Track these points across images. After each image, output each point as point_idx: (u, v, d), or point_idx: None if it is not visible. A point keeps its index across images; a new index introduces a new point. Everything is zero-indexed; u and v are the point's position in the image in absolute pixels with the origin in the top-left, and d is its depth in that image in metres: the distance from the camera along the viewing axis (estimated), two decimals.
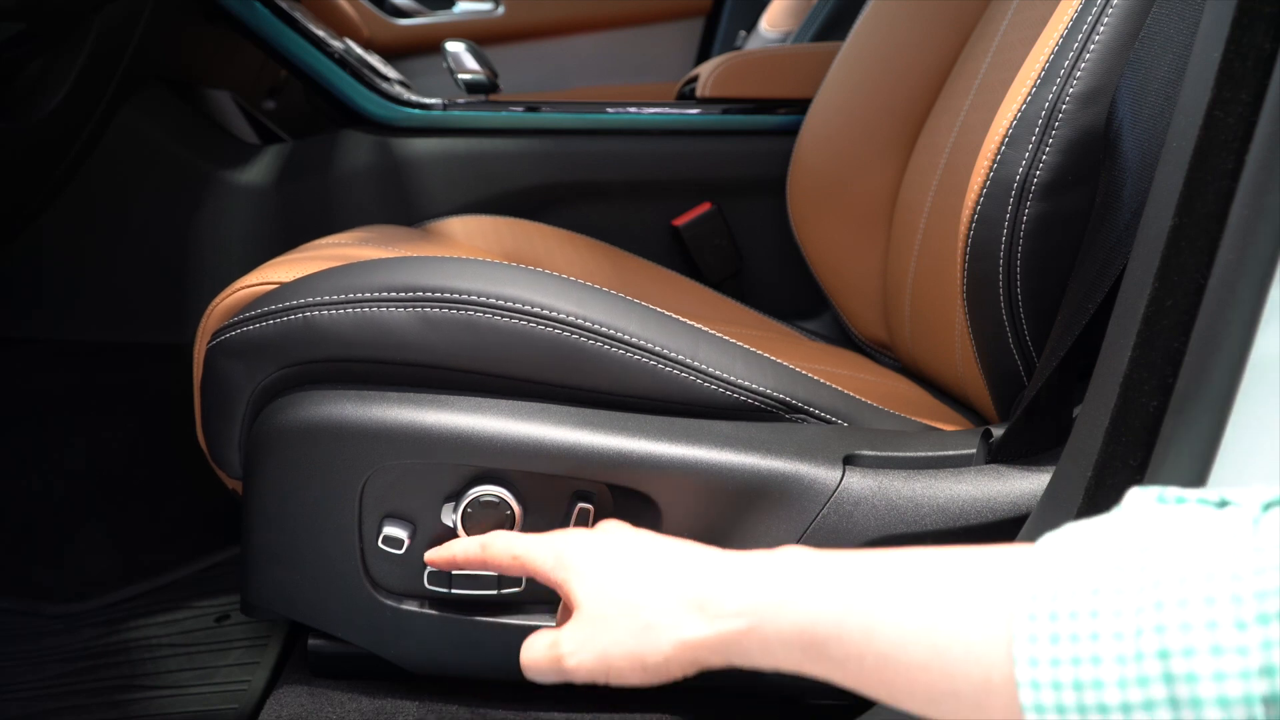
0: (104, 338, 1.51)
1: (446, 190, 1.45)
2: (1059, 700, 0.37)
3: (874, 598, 0.46)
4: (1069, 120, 0.80)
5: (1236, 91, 0.50)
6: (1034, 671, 0.38)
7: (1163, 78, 0.70)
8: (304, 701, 0.79)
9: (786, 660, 0.50)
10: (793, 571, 0.51)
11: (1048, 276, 0.82)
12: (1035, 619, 0.38)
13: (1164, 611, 0.35)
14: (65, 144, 1.36)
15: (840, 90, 1.26)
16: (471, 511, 0.74)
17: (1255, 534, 0.36)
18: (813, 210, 1.26)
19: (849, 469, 0.74)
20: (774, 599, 0.51)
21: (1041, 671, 0.37)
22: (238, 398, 0.79)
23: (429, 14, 2.77)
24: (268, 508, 0.78)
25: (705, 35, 2.79)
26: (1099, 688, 0.36)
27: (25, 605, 1.12)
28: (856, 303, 1.22)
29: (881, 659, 0.45)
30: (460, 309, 0.76)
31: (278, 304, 0.78)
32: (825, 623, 0.48)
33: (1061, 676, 0.37)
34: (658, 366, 0.77)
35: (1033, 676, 0.38)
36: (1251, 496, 0.38)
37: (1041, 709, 0.37)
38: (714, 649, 0.54)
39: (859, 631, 0.46)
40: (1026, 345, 0.85)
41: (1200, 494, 0.40)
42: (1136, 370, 0.55)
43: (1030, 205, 0.81)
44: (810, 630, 0.48)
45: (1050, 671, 0.37)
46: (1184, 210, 0.52)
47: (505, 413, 0.75)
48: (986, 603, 0.42)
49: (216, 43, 1.71)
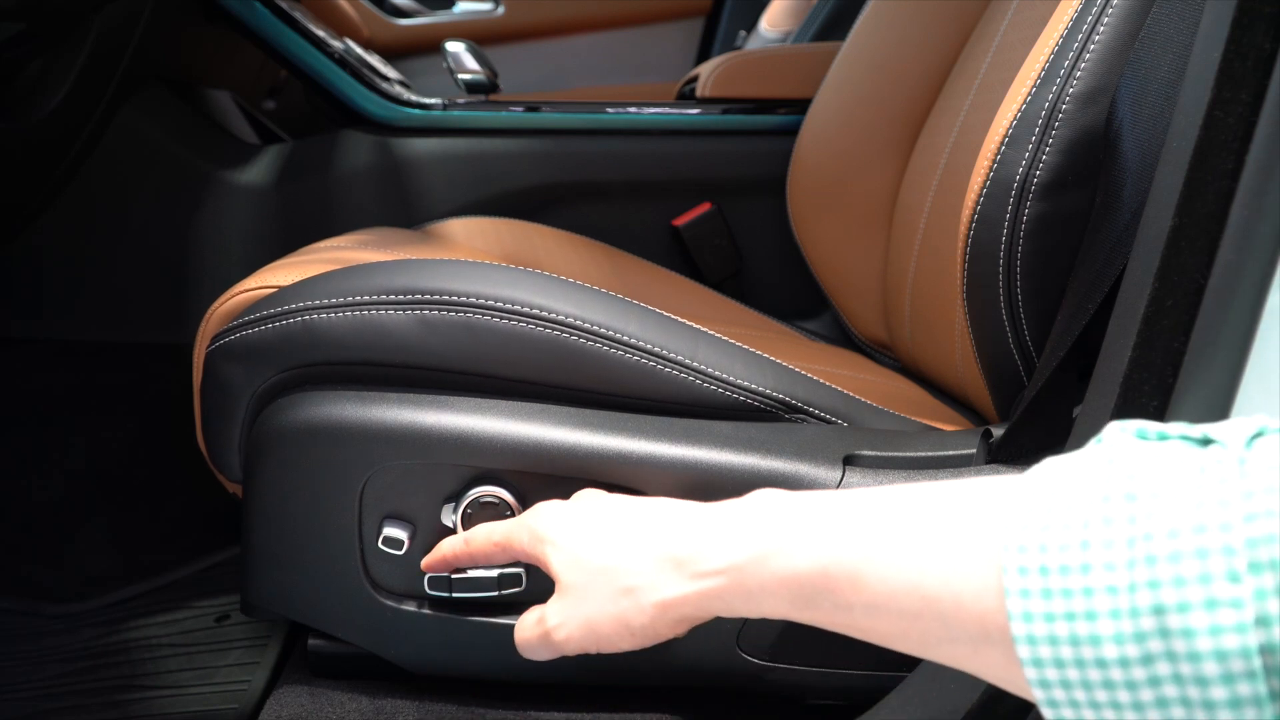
0: (104, 338, 1.51)
1: (446, 190, 1.45)
2: (1051, 632, 0.36)
3: (858, 545, 0.45)
4: (1069, 120, 0.80)
5: (1236, 91, 0.50)
6: (1026, 603, 0.37)
7: (1163, 78, 0.70)
8: (304, 701, 0.79)
9: (773, 609, 0.50)
10: (771, 520, 0.50)
11: (1048, 277, 0.82)
12: (1025, 550, 0.38)
13: (1156, 566, 0.35)
14: (65, 144, 1.36)
15: (840, 90, 1.26)
16: (471, 512, 0.74)
17: (1242, 476, 0.35)
18: (813, 210, 1.26)
19: (849, 469, 0.74)
20: (753, 552, 0.50)
21: (1034, 603, 0.37)
22: (237, 401, 0.79)
23: (429, 14, 2.77)
24: (268, 508, 0.78)
25: (705, 35, 2.79)
26: (1096, 643, 0.36)
27: (25, 605, 1.12)
28: (856, 303, 1.22)
29: (870, 609, 0.45)
30: (458, 311, 0.76)
31: (276, 307, 0.78)
32: (809, 573, 0.47)
33: (1058, 631, 0.36)
34: (657, 367, 0.77)
35: (1025, 608, 0.37)
36: (1234, 432, 0.37)
37: (1034, 640, 0.37)
38: (696, 605, 0.54)
39: (845, 581, 0.45)
40: (1026, 345, 0.85)
41: (1182, 429, 0.39)
42: (1136, 370, 0.55)
43: (1030, 205, 0.81)
44: (794, 580, 0.48)
45: (1045, 627, 0.37)
46: (1184, 210, 0.52)
47: (505, 413, 0.75)
48: (974, 543, 0.41)
49: (216, 43, 1.71)
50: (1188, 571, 0.34)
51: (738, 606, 0.52)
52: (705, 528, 0.54)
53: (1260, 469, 0.35)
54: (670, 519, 0.58)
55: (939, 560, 0.42)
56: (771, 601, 0.49)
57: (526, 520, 0.66)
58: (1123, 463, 0.38)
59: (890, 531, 0.45)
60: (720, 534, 0.53)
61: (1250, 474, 0.35)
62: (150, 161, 1.49)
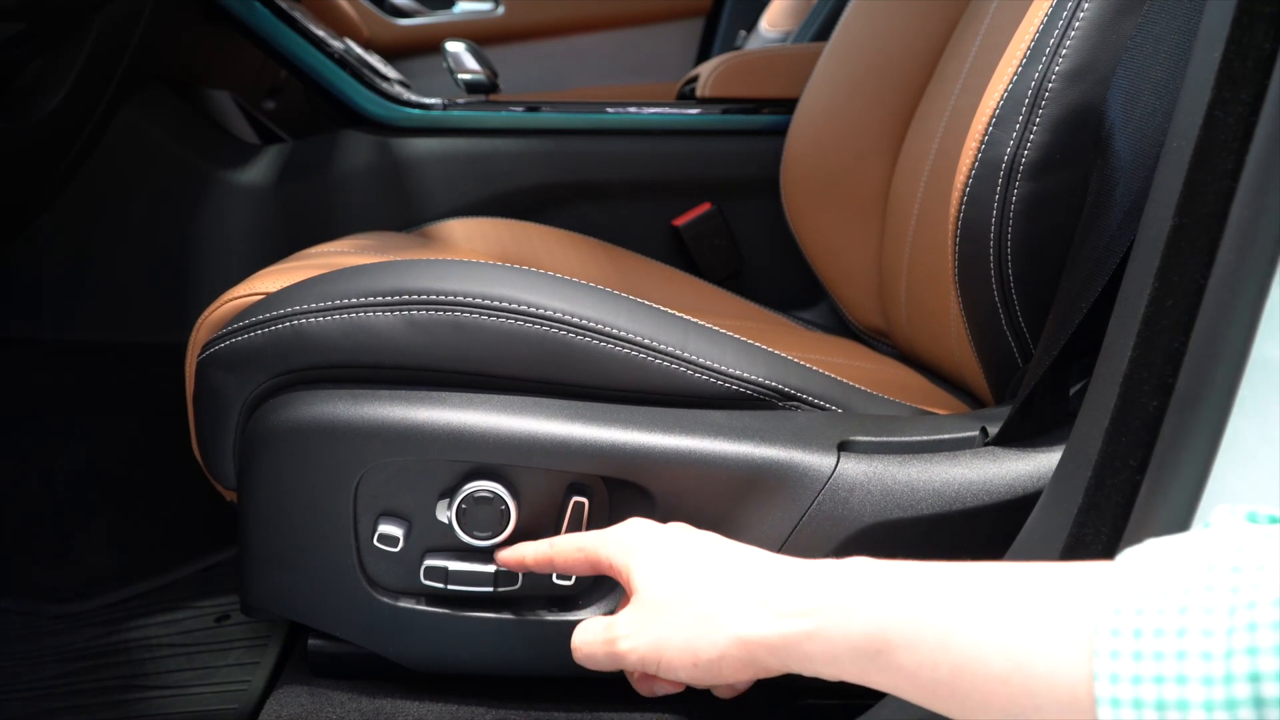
0: (104, 338, 1.51)
1: (446, 190, 1.45)
2: (1136, 695, 0.35)
3: (950, 606, 0.44)
4: (1056, 99, 0.80)
5: (1236, 91, 0.50)
6: (1114, 689, 0.36)
7: (1157, 76, 0.70)
8: (304, 701, 0.79)
9: (851, 667, 0.48)
10: (863, 576, 0.49)
11: (1039, 258, 0.83)
12: (1119, 635, 0.37)
13: (1258, 634, 0.34)
14: (65, 144, 1.36)
15: (830, 81, 1.26)
16: (466, 507, 0.74)
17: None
18: (807, 202, 1.26)
19: (844, 455, 0.74)
20: (843, 601, 0.49)
21: (1122, 689, 0.36)
22: (230, 409, 0.79)
23: (429, 14, 2.77)
24: (263, 509, 0.78)
25: (705, 35, 2.79)
26: (1183, 708, 0.34)
27: (25, 605, 1.12)
28: (853, 291, 1.22)
29: (957, 670, 0.43)
30: (446, 310, 0.76)
31: (265, 314, 0.78)
32: (898, 629, 0.46)
33: (1144, 695, 0.35)
34: (647, 359, 0.77)
35: (1113, 694, 0.36)
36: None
37: (1117, 703, 0.36)
38: (773, 649, 0.52)
39: (934, 640, 0.44)
40: (1020, 327, 0.85)
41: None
42: (1136, 370, 0.55)
43: (1019, 185, 0.82)
44: (881, 636, 0.46)
45: (1131, 689, 0.36)
46: (1184, 210, 0.52)
47: (498, 407, 0.75)
48: (1068, 618, 0.40)
49: (216, 43, 1.71)
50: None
51: (816, 661, 0.50)
52: (796, 573, 0.53)
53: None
54: (762, 561, 0.57)
55: (1032, 624, 0.41)
56: (850, 658, 0.48)
57: (619, 531, 0.66)
58: (1230, 538, 0.38)
59: (984, 595, 0.44)
60: (810, 580, 0.52)
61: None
62: (150, 161, 1.49)
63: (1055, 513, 0.61)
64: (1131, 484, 0.55)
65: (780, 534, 0.73)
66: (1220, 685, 0.34)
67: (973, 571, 0.46)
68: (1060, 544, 0.59)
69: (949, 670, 0.43)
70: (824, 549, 0.72)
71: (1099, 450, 0.57)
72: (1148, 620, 0.36)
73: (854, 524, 0.72)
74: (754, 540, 0.71)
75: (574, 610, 0.77)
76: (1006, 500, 0.72)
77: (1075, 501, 0.58)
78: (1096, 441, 0.57)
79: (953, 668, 0.43)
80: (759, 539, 0.73)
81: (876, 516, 0.72)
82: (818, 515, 0.72)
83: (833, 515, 0.72)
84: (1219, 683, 0.34)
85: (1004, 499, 0.72)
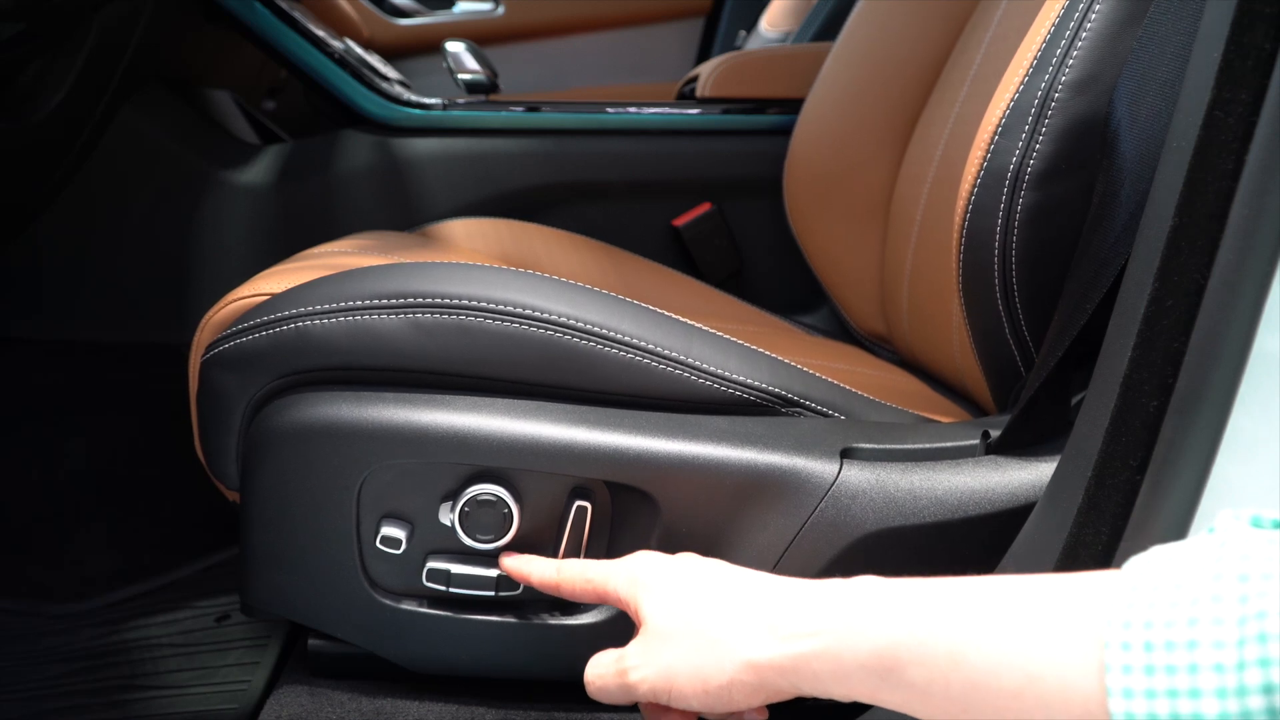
0: (104, 338, 1.51)
1: (446, 190, 1.45)
2: (1151, 709, 0.35)
3: (960, 622, 0.44)
4: (1062, 109, 0.80)
5: (1236, 91, 0.50)
6: (1128, 704, 0.36)
7: (1161, 77, 0.70)
8: (304, 701, 0.79)
9: (861, 686, 0.48)
10: (870, 594, 0.49)
11: (1043, 267, 0.82)
12: (1129, 649, 0.37)
13: (1269, 645, 0.34)
14: (65, 144, 1.36)
15: (835, 84, 1.26)
16: (469, 510, 0.74)
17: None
18: (810, 205, 1.26)
19: (846, 462, 0.74)
20: (852, 620, 0.48)
21: (1136, 704, 0.36)
22: (233, 410, 0.79)
23: (429, 14, 2.77)
24: (265, 509, 0.78)
25: (705, 35, 2.79)
26: (1196, 697, 0.34)
27: (25, 605, 1.12)
28: (855, 296, 1.22)
29: (969, 685, 0.43)
30: (452, 313, 0.76)
31: (269, 315, 0.78)
32: (908, 646, 0.45)
33: (1158, 709, 0.35)
34: (651, 364, 0.77)
35: (1127, 709, 0.36)
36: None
37: (1131, 718, 0.36)
38: (783, 671, 0.52)
39: (945, 656, 0.44)
40: (1023, 336, 0.85)
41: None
42: (1136, 370, 0.55)
43: (1025, 194, 0.81)
44: (891, 653, 0.46)
45: (1145, 704, 0.36)
46: (1184, 210, 0.52)
47: (502, 411, 0.75)
48: (1078, 631, 0.40)
49: (216, 43, 1.71)
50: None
51: (826, 681, 0.50)
52: (803, 595, 0.53)
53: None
54: (769, 585, 0.57)
55: (1043, 638, 0.41)
56: (861, 676, 0.48)
57: (626, 564, 0.65)
58: (1236, 546, 0.38)
59: (993, 609, 0.44)
60: (818, 600, 0.52)
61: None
62: (150, 161, 1.49)
63: (1055, 513, 0.61)
64: (1131, 484, 0.55)
65: (783, 540, 0.73)
66: (1234, 698, 0.34)
67: (980, 586, 0.45)
68: (1060, 544, 0.59)
69: (961, 687, 0.43)
70: (826, 555, 0.72)
71: (1099, 450, 0.57)
72: (1157, 634, 0.36)
73: (856, 531, 0.72)
74: (757, 546, 0.70)
75: (575, 614, 0.77)
76: (1009, 508, 0.72)
77: (1075, 501, 0.58)
78: (1096, 441, 0.57)
79: (965, 684, 0.43)
80: (762, 545, 0.72)
81: (879, 524, 0.72)
82: (820, 521, 0.72)
83: (835, 522, 0.72)
84: (1233, 695, 0.34)
85: (1006, 507, 0.72)
